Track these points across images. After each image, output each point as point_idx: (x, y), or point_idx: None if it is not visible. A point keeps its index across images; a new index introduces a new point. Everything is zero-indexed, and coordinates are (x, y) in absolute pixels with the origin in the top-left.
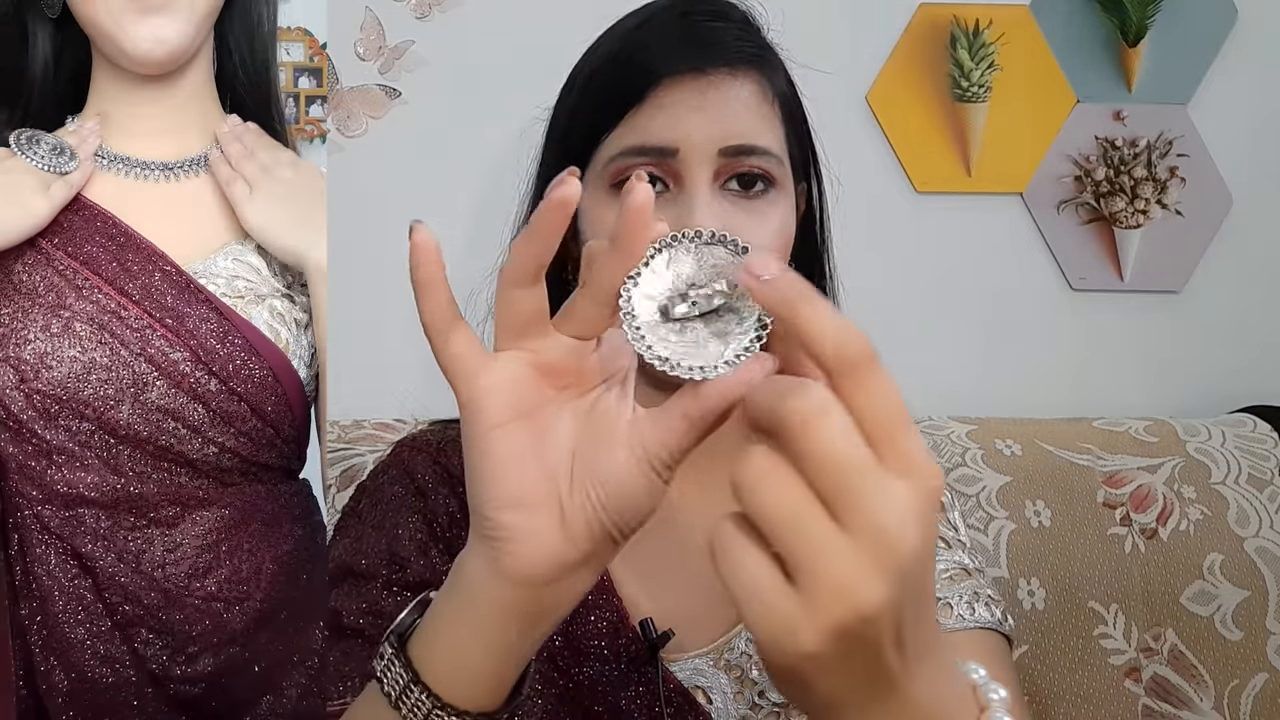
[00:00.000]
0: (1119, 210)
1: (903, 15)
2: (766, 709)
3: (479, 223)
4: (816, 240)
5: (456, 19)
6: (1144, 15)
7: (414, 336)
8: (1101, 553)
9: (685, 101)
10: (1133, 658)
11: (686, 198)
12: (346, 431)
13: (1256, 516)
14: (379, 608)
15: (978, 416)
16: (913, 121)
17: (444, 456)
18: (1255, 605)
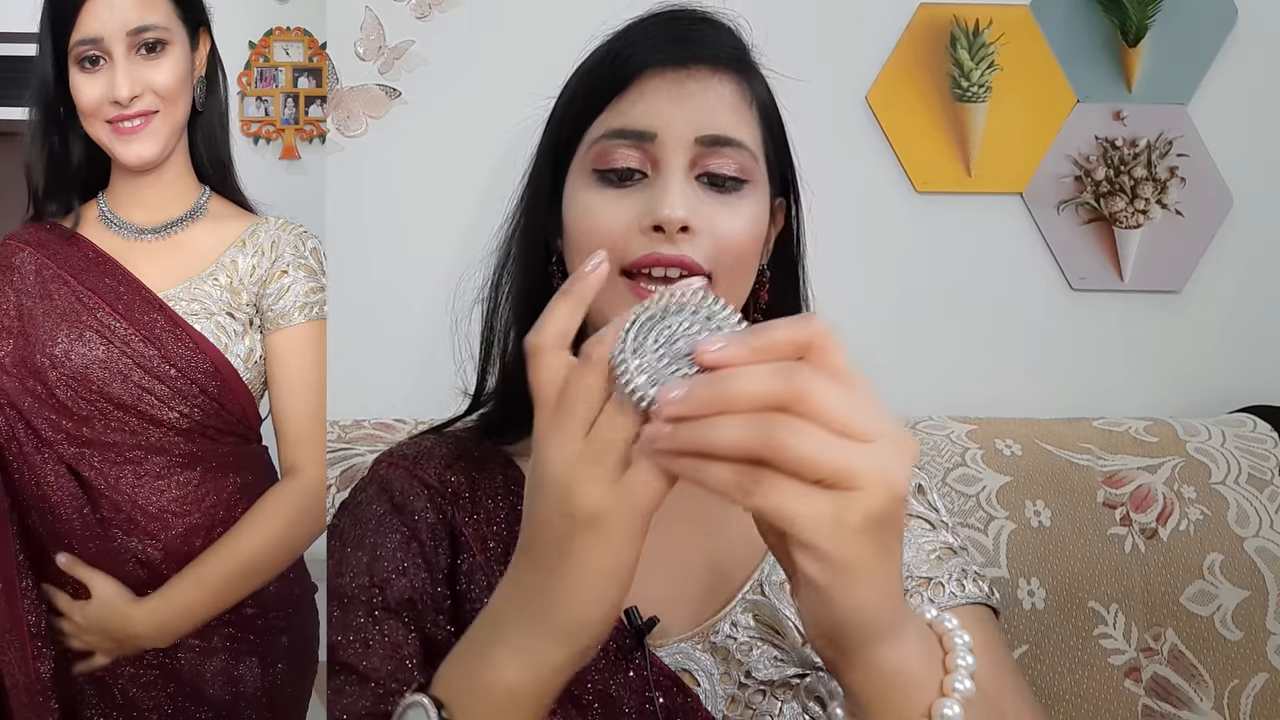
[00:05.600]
0: (1119, 210)
1: (903, 15)
2: (753, 688)
3: (479, 223)
4: (794, 257)
5: (456, 19)
6: (1144, 15)
7: (413, 336)
8: (1101, 553)
9: (666, 91)
10: (1133, 658)
11: (662, 182)
12: (346, 431)
13: (1256, 516)
14: (366, 636)
15: (978, 416)
16: (913, 121)
17: (420, 470)
18: (1255, 605)
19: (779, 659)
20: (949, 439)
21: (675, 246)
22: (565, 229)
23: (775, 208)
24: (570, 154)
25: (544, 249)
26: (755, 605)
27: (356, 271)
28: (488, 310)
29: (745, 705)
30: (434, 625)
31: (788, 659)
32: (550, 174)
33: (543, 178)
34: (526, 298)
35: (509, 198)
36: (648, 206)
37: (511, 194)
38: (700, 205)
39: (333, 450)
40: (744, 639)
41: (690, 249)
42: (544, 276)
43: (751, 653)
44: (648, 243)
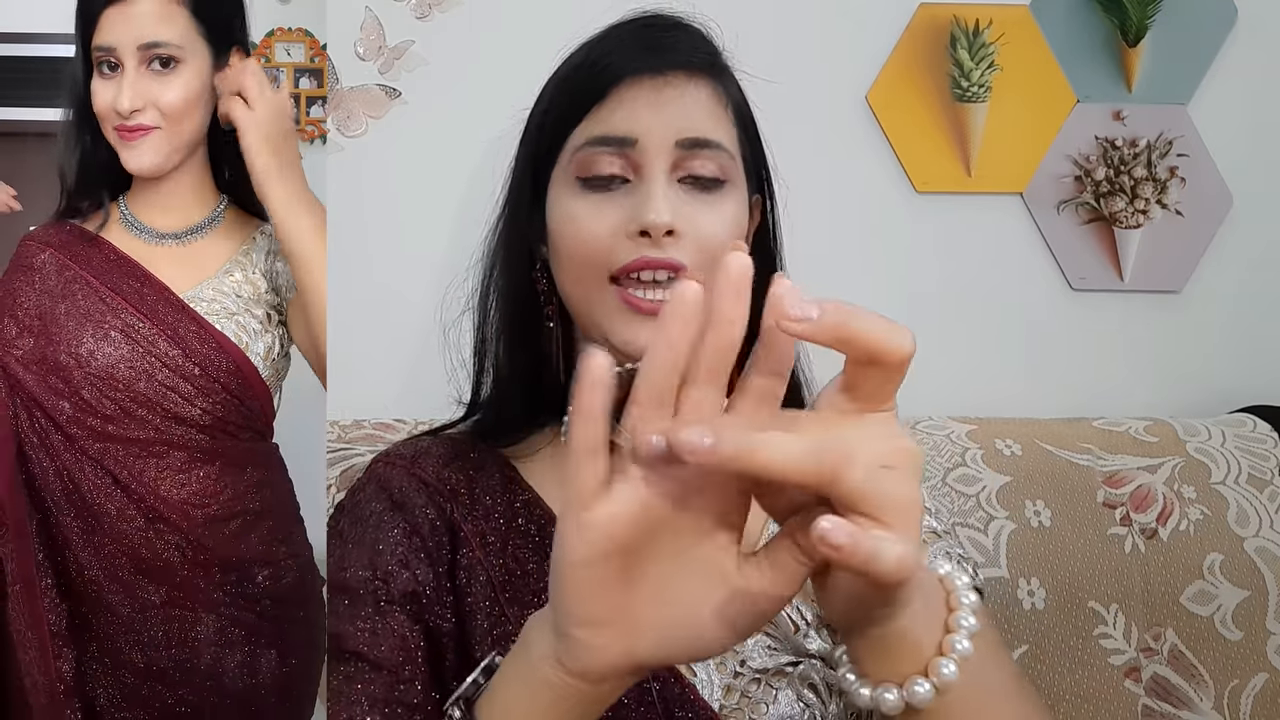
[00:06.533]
0: (1119, 210)
1: (903, 15)
2: (748, 676)
3: (478, 223)
4: (771, 252)
5: (456, 19)
6: (1144, 15)
7: (413, 336)
8: (1101, 553)
9: (644, 97)
10: (1133, 658)
11: (645, 186)
12: (346, 431)
13: (1256, 516)
14: (374, 626)
15: (978, 416)
16: (913, 121)
17: (418, 468)
18: (1255, 605)
19: (772, 648)
20: (949, 439)
21: (662, 250)
22: (550, 236)
23: (752, 204)
24: (551, 163)
25: (528, 257)
26: None
27: (357, 271)
28: (477, 319)
29: (741, 693)
30: (438, 618)
31: (781, 648)
32: (530, 183)
33: (523, 187)
34: (513, 306)
35: (491, 208)
36: (633, 212)
37: (493, 204)
38: (683, 208)
39: (333, 450)
40: None
41: (676, 251)
42: (529, 283)
43: (746, 642)
44: (634, 248)
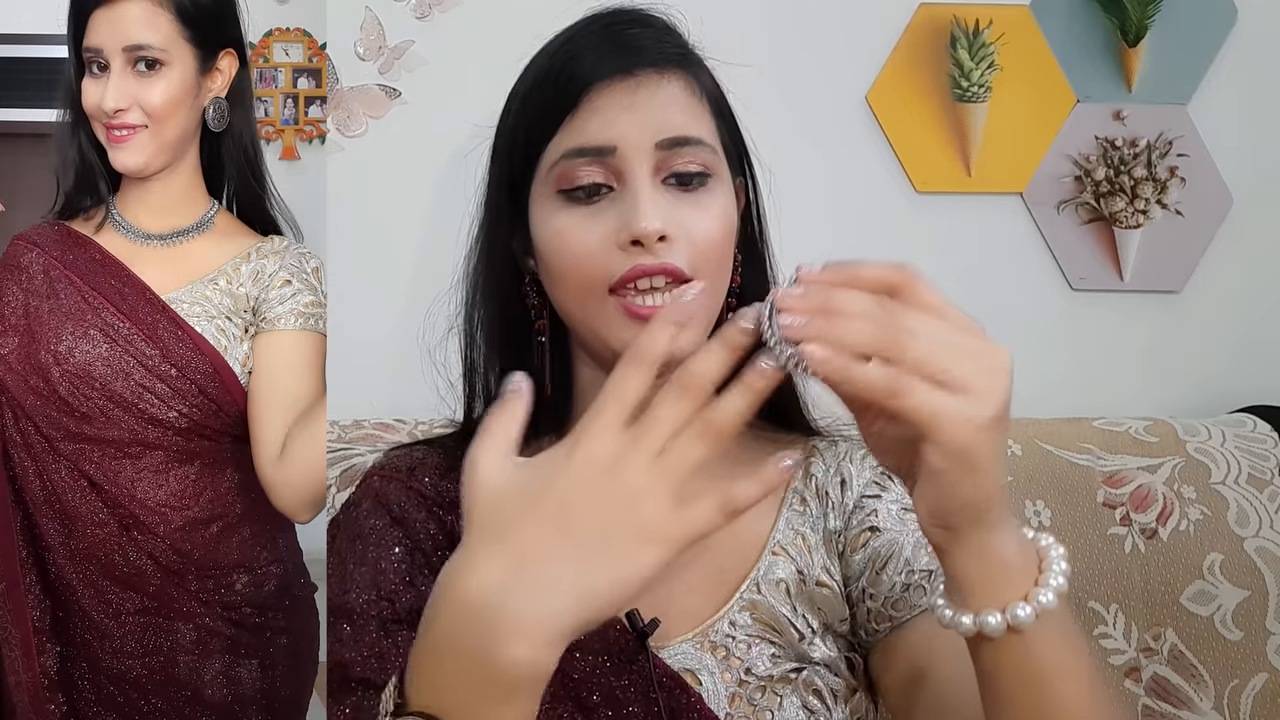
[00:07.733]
0: (1119, 210)
1: (903, 15)
2: (753, 684)
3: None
4: (755, 233)
5: (456, 19)
6: (1144, 15)
7: (413, 336)
8: (1101, 553)
9: (617, 102)
10: (1133, 658)
11: (631, 194)
12: (346, 431)
13: (1256, 516)
14: (379, 651)
15: None
16: (913, 121)
17: (416, 481)
18: (1255, 605)
19: (776, 655)
20: None
21: (655, 256)
22: (539, 252)
23: (735, 187)
24: (528, 178)
25: (513, 274)
26: (753, 604)
27: (357, 271)
28: (463, 343)
29: (747, 701)
30: None
31: (785, 655)
32: (508, 198)
33: (500, 204)
34: (502, 325)
35: (468, 227)
36: (622, 221)
37: (470, 223)
38: (673, 211)
39: (333, 450)
40: (743, 637)
41: (670, 255)
42: (517, 299)
43: (750, 650)
44: (627, 257)
